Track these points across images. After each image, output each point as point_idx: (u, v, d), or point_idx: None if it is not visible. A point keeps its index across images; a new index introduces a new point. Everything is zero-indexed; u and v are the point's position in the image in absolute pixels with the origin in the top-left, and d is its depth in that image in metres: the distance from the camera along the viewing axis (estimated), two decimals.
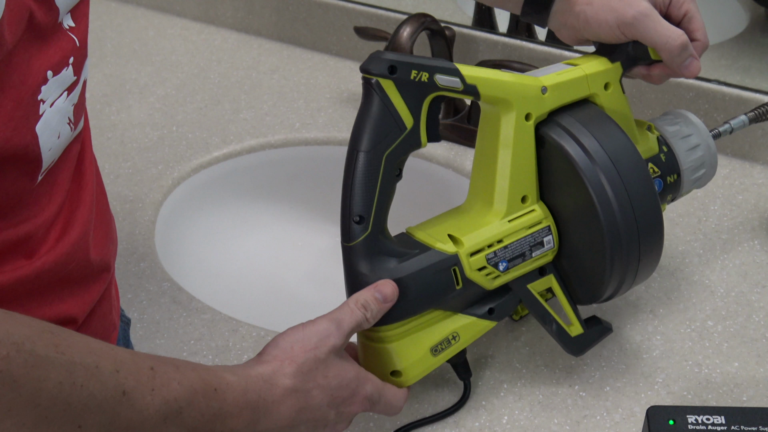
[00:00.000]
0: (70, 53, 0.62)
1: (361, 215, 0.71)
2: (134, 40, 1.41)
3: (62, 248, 0.65)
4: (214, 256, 1.12)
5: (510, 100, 0.74)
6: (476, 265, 0.73)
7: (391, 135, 0.71)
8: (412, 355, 0.73)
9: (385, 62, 0.69)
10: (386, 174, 0.71)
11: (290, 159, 1.18)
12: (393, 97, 0.70)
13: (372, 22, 1.27)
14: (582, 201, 0.74)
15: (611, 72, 0.80)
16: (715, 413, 0.68)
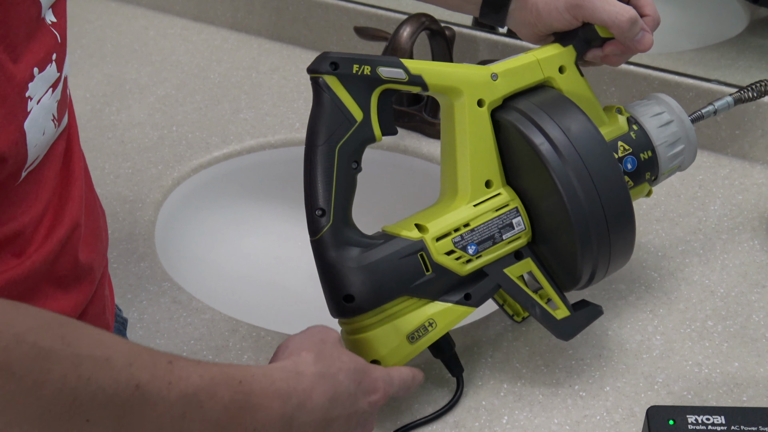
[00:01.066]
0: (53, 49, 0.62)
1: (321, 208, 0.73)
2: (134, 40, 1.41)
3: (51, 245, 0.64)
4: (214, 256, 1.12)
5: (459, 87, 0.76)
6: (443, 249, 0.75)
7: (342, 128, 0.73)
8: (389, 342, 0.74)
9: (327, 60, 0.73)
10: (341, 166, 0.73)
11: (290, 159, 1.18)
12: (339, 92, 0.73)
13: (372, 22, 1.27)
14: (545, 182, 0.75)
15: (564, 55, 0.81)
16: (715, 413, 0.68)
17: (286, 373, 0.63)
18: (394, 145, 1.16)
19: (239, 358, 0.84)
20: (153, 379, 0.54)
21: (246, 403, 0.59)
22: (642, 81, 1.12)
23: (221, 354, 0.84)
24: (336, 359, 0.67)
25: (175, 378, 0.55)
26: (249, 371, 0.61)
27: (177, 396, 0.55)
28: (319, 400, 0.64)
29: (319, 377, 0.65)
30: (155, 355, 0.56)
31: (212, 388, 0.57)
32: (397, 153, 1.16)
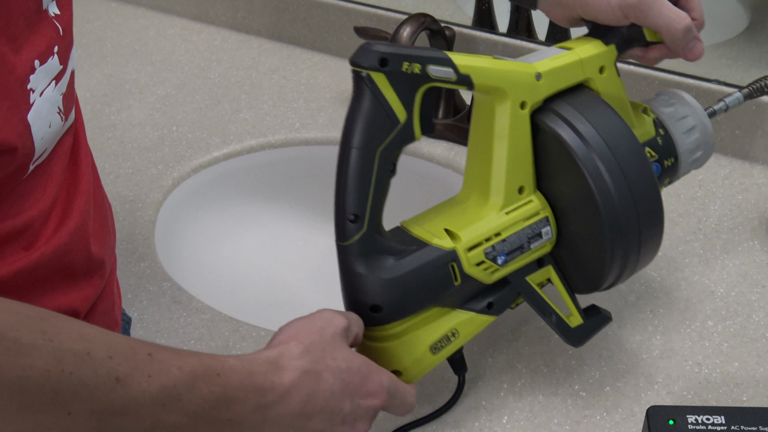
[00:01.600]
0: (54, 42, 0.62)
1: (355, 214, 0.69)
2: (134, 40, 1.41)
3: (60, 239, 0.65)
4: (214, 256, 1.12)
5: (504, 88, 0.72)
6: (474, 260, 0.72)
7: (385, 130, 0.68)
8: (412, 353, 0.72)
9: (375, 54, 0.66)
10: (380, 170, 0.69)
11: (290, 159, 1.18)
12: (385, 90, 0.67)
13: (372, 22, 1.27)
14: (580, 189, 0.72)
15: (606, 55, 0.77)
16: (715, 413, 0.68)
17: (266, 366, 0.63)
18: None
19: None
20: (133, 372, 0.54)
21: (223, 396, 0.59)
22: (642, 81, 1.12)
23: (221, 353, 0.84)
24: (327, 355, 0.65)
25: (155, 370, 0.55)
26: (228, 364, 0.60)
27: (157, 389, 0.55)
28: (297, 396, 0.63)
29: (300, 372, 0.63)
30: (135, 347, 0.56)
31: (191, 381, 0.57)
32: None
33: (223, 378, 0.59)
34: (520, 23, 1.22)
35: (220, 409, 0.59)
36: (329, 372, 0.65)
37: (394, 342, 0.72)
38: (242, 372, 0.61)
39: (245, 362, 0.62)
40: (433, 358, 0.73)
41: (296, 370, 0.63)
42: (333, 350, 0.66)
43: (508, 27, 1.23)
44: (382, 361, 0.72)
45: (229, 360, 0.61)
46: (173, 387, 0.56)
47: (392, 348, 0.72)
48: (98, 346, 0.53)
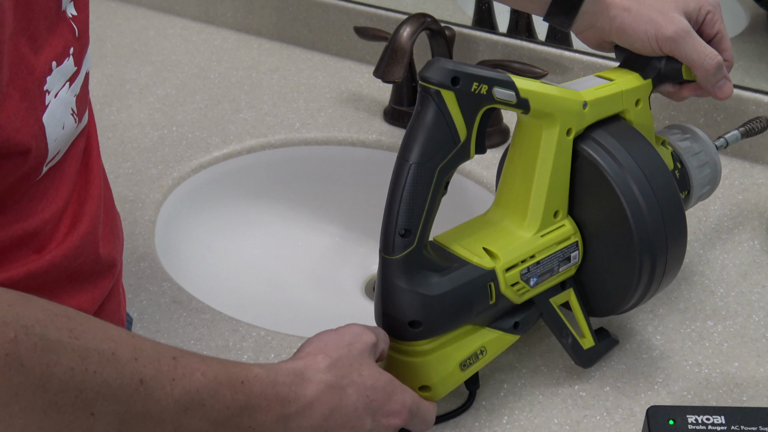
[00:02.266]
0: (71, 43, 0.62)
1: (407, 229, 0.68)
2: (134, 40, 1.41)
3: (71, 242, 0.65)
4: (214, 256, 1.12)
5: (555, 115, 0.73)
6: (511, 280, 0.73)
7: (447, 148, 0.68)
8: (443, 370, 0.72)
9: (448, 72, 0.67)
10: (436, 188, 0.69)
11: (290, 159, 1.18)
12: (452, 108, 0.67)
13: (372, 22, 1.27)
14: (614, 215, 0.74)
15: (643, 89, 0.80)
16: (715, 413, 0.68)
17: (291, 377, 0.62)
18: (394, 145, 1.16)
19: (239, 358, 0.84)
20: (157, 375, 0.54)
21: (246, 404, 0.58)
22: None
23: (221, 354, 0.84)
24: (353, 371, 0.65)
25: (179, 375, 0.55)
26: (252, 372, 0.60)
27: (180, 393, 0.55)
28: (320, 409, 0.63)
29: (325, 386, 0.63)
30: (160, 350, 0.56)
31: (215, 387, 0.57)
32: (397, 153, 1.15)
33: (246, 386, 0.59)
34: (520, 23, 1.22)
35: (242, 417, 0.58)
36: (354, 388, 0.65)
37: (425, 358, 0.72)
38: (266, 381, 0.60)
39: (270, 371, 0.61)
40: (462, 375, 0.74)
41: (321, 384, 0.63)
42: (360, 366, 0.66)
43: (508, 27, 1.23)
44: (412, 376, 0.72)
45: (253, 368, 0.61)
46: (196, 392, 0.56)
47: (423, 364, 0.72)
48: (124, 347, 0.53)
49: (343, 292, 1.12)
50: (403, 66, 1.05)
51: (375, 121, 1.19)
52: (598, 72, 0.82)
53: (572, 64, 1.16)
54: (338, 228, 1.19)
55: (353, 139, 1.17)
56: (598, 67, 1.14)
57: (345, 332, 0.68)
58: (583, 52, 1.15)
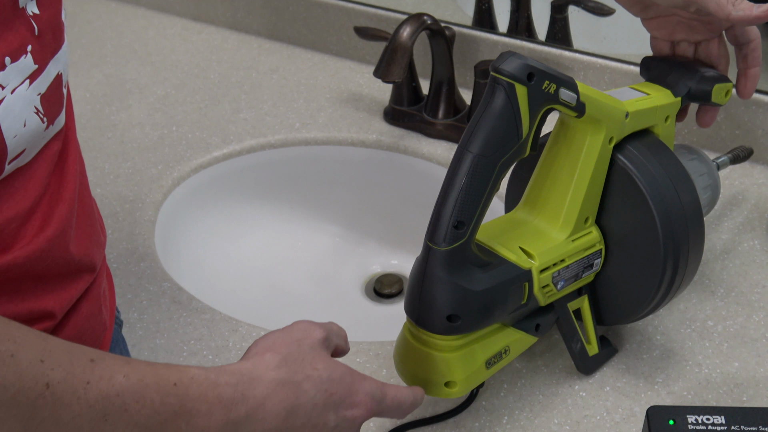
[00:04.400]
0: (28, 40, 0.61)
1: (461, 221, 0.67)
2: (134, 40, 1.41)
3: (38, 244, 0.64)
4: (214, 256, 1.12)
5: (603, 122, 0.73)
6: (543, 282, 0.73)
7: (510, 142, 0.68)
8: (470, 367, 0.72)
9: (525, 68, 0.67)
10: (495, 182, 0.68)
11: (290, 159, 1.18)
12: (522, 104, 0.67)
13: (372, 22, 1.27)
14: (642, 226, 0.75)
15: (674, 106, 0.81)
16: (715, 413, 0.68)
17: (236, 377, 0.58)
18: (394, 145, 1.16)
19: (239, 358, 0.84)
20: (68, 377, 0.51)
21: (181, 408, 0.55)
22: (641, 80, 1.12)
23: (221, 354, 0.84)
24: (307, 365, 0.62)
25: (95, 377, 0.52)
26: (188, 373, 0.56)
27: (96, 397, 0.52)
28: (274, 409, 0.59)
29: (277, 384, 0.59)
30: (75, 353, 0.52)
31: (140, 390, 0.53)
32: (397, 153, 1.16)
33: (180, 388, 0.55)
34: (520, 23, 1.22)
35: (178, 423, 0.55)
36: (310, 382, 0.61)
37: (453, 353, 0.71)
38: (205, 383, 0.56)
39: (210, 373, 0.58)
40: (486, 373, 0.74)
41: (272, 382, 0.59)
42: (313, 360, 0.62)
43: (508, 27, 1.23)
44: (438, 370, 0.71)
45: (190, 370, 0.57)
46: (117, 396, 0.52)
47: (451, 359, 0.71)
48: (27, 349, 0.50)
49: (343, 292, 1.12)
50: (403, 66, 1.05)
51: (375, 121, 1.19)
52: (633, 84, 0.83)
53: (572, 64, 1.16)
54: (338, 228, 1.19)
55: (353, 139, 1.17)
56: (598, 67, 1.14)
57: (293, 330, 0.65)
58: (583, 52, 1.15)
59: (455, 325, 0.69)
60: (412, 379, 0.73)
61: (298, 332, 0.65)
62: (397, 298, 1.11)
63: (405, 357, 0.73)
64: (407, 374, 0.73)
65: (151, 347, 0.85)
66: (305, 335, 0.64)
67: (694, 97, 0.83)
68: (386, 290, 1.11)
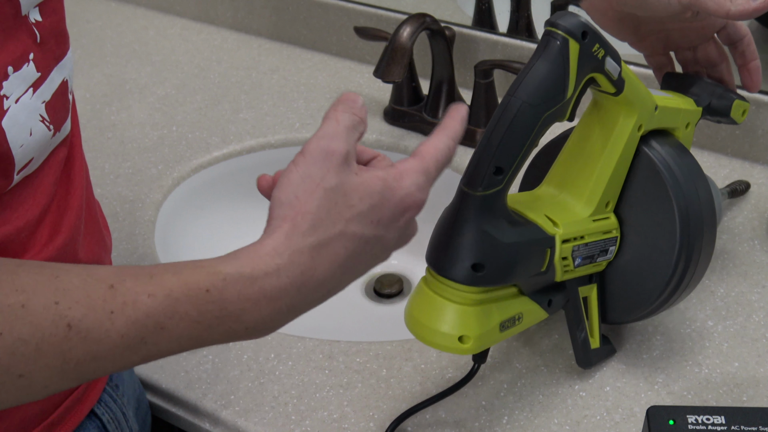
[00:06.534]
0: (30, 48, 0.60)
1: (500, 167, 0.66)
2: (134, 40, 1.41)
3: (48, 253, 0.63)
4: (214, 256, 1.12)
5: (636, 106, 0.74)
6: (564, 253, 0.73)
7: (557, 97, 0.68)
8: (485, 324, 0.71)
9: (580, 25, 0.67)
10: (538, 134, 0.68)
11: (290, 159, 1.17)
12: (572, 60, 0.67)
13: (372, 22, 1.27)
14: (661, 220, 0.75)
15: (695, 114, 0.82)
16: (715, 413, 0.68)
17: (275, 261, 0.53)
18: (394, 145, 1.16)
19: (239, 358, 0.84)
20: (89, 312, 0.49)
21: (222, 312, 0.52)
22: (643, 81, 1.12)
23: (221, 354, 0.84)
24: (342, 207, 0.56)
25: (118, 305, 0.49)
26: (221, 274, 0.52)
27: (125, 324, 0.49)
28: (326, 273, 0.55)
29: (320, 247, 0.55)
30: (91, 285, 0.50)
31: (171, 306, 0.50)
32: (397, 153, 1.16)
33: (214, 294, 0.52)
34: (520, 23, 1.22)
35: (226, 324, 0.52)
36: (353, 224, 0.56)
37: (471, 307, 0.70)
38: (240, 281, 0.52)
39: (245, 264, 0.53)
40: (499, 336, 0.73)
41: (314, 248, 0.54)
42: (345, 195, 0.56)
43: (508, 27, 1.23)
44: (453, 321, 0.70)
45: (222, 268, 0.53)
46: (147, 317, 0.50)
47: (468, 312, 0.70)
48: (38, 295, 0.48)
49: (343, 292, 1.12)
50: (403, 66, 1.05)
51: (375, 121, 1.19)
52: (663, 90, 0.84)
53: None
54: None
55: None
56: None
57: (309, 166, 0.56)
58: None
59: (479, 274, 0.68)
60: (425, 332, 0.70)
61: (315, 169, 0.56)
62: (397, 298, 1.11)
63: (420, 308, 0.71)
64: (421, 326, 0.71)
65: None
66: (325, 170, 0.56)
67: (713, 110, 0.84)
68: (386, 290, 1.11)
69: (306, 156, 0.57)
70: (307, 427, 0.78)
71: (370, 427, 0.77)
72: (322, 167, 0.56)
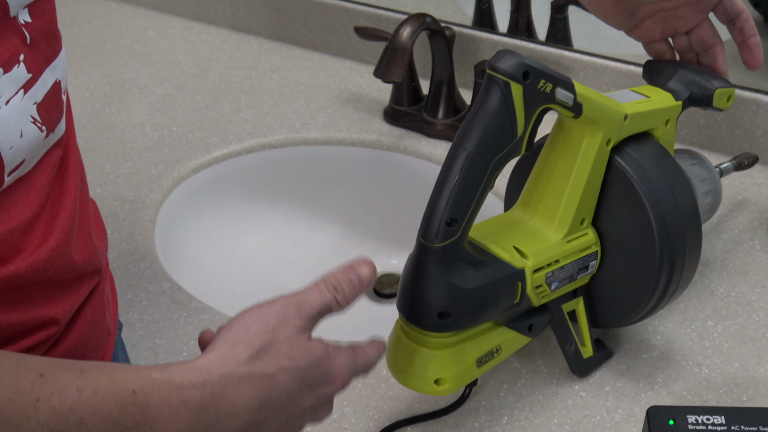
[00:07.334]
0: (20, 50, 0.60)
1: (454, 218, 0.67)
2: (134, 40, 1.41)
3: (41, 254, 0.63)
4: (214, 256, 1.12)
5: (600, 123, 0.73)
6: (537, 282, 0.73)
7: (505, 141, 0.68)
8: (460, 364, 0.72)
9: (520, 66, 0.67)
10: (488, 181, 0.68)
11: (290, 159, 1.18)
12: (517, 102, 0.67)
13: (372, 22, 1.27)
14: (638, 229, 0.75)
15: (675, 110, 0.81)
16: (715, 413, 0.68)
17: (203, 375, 0.55)
18: (394, 145, 1.16)
19: None
20: (15, 397, 0.49)
21: (142, 417, 0.52)
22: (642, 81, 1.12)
23: None
24: (282, 356, 0.58)
25: (45, 394, 0.50)
26: (149, 378, 0.53)
27: (48, 414, 0.49)
28: (246, 405, 0.57)
29: (249, 379, 0.56)
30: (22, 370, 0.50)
31: (95, 403, 0.51)
32: (397, 153, 1.16)
33: (140, 396, 0.52)
34: (520, 23, 1.22)
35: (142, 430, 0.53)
36: (285, 374, 0.58)
37: (444, 351, 0.71)
38: (167, 387, 0.53)
39: (174, 374, 0.54)
40: (476, 372, 0.73)
41: (244, 378, 0.57)
42: (289, 349, 0.59)
43: (508, 27, 1.23)
44: (427, 366, 0.71)
45: (151, 373, 0.54)
46: (70, 411, 0.50)
47: (441, 356, 0.71)
48: None
49: None
50: (403, 66, 1.05)
51: (375, 121, 1.19)
52: (634, 87, 0.82)
53: (572, 64, 1.16)
54: (338, 228, 1.19)
55: (353, 139, 1.17)
56: (598, 67, 1.14)
57: (270, 315, 0.60)
58: (583, 53, 1.15)
59: (446, 322, 0.69)
60: (402, 375, 0.72)
61: (274, 318, 0.60)
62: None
63: (396, 353, 0.73)
64: (397, 370, 0.73)
65: (151, 347, 0.85)
66: (282, 322, 0.60)
67: (695, 101, 0.83)
68: (386, 290, 1.11)
69: (272, 306, 0.61)
70: (307, 427, 0.78)
71: (370, 427, 0.77)
72: (280, 321, 0.59)
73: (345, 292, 0.63)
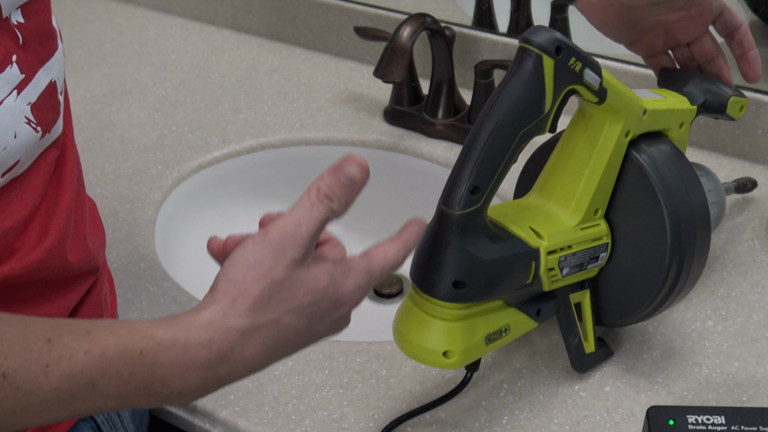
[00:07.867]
0: (12, 51, 0.60)
1: (477, 186, 0.67)
2: (134, 40, 1.41)
3: (36, 255, 0.63)
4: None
5: (621, 113, 0.73)
6: (550, 264, 0.73)
7: (533, 114, 0.68)
8: (469, 339, 0.71)
9: (554, 40, 0.67)
10: (513, 152, 0.68)
11: (290, 159, 1.18)
12: (547, 77, 0.68)
13: (372, 22, 1.27)
14: (651, 225, 0.75)
15: (690, 113, 0.81)
16: (715, 413, 0.68)
17: (208, 333, 0.54)
18: (394, 145, 1.16)
19: None
20: (25, 364, 0.50)
21: (152, 375, 0.53)
22: (642, 80, 1.12)
23: None
24: (284, 298, 0.56)
25: (53, 359, 0.50)
26: (155, 339, 0.53)
27: (58, 378, 0.50)
28: (256, 352, 0.56)
29: (254, 329, 0.55)
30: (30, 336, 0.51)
31: (104, 365, 0.51)
32: (397, 153, 1.16)
33: (147, 357, 0.53)
34: (520, 23, 1.22)
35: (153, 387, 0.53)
36: (290, 315, 0.57)
37: (455, 323, 0.70)
38: (173, 347, 0.53)
39: (180, 332, 0.54)
40: (485, 348, 0.73)
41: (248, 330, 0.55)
42: (291, 289, 0.57)
43: (508, 27, 1.23)
44: (437, 338, 0.70)
45: (158, 332, 0.53)
46: (81, 373, 0.51)
47: (452, 328, 0.70)
48: None
49: None
50: (403, 66, 1.05)
51: (375, 121, 1.19)
52: (650, 88, 0.83)
53: None
54: (338, 228, 1.19)
55: (353, 139, 1.17)
56: None
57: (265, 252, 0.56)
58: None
59: (460, 292, 0.69)
60: (409, 347, 0.71)
61: (270, 258, 0.56)
62: (397, 298, 1.11)
63: (405, 323, 0.72)
64: (406, 341, 0.72)
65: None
66: (278, 260, 0.56)
67: (709, 108, 0.83)
68: (386, 290, 1.11)
69: (266, 239, 0.56)
70: (307, 427, 0.78)
71: (370, 427, 0.77)
72: (275, 258, 0.56)
73: (339, 198, 0.58)
